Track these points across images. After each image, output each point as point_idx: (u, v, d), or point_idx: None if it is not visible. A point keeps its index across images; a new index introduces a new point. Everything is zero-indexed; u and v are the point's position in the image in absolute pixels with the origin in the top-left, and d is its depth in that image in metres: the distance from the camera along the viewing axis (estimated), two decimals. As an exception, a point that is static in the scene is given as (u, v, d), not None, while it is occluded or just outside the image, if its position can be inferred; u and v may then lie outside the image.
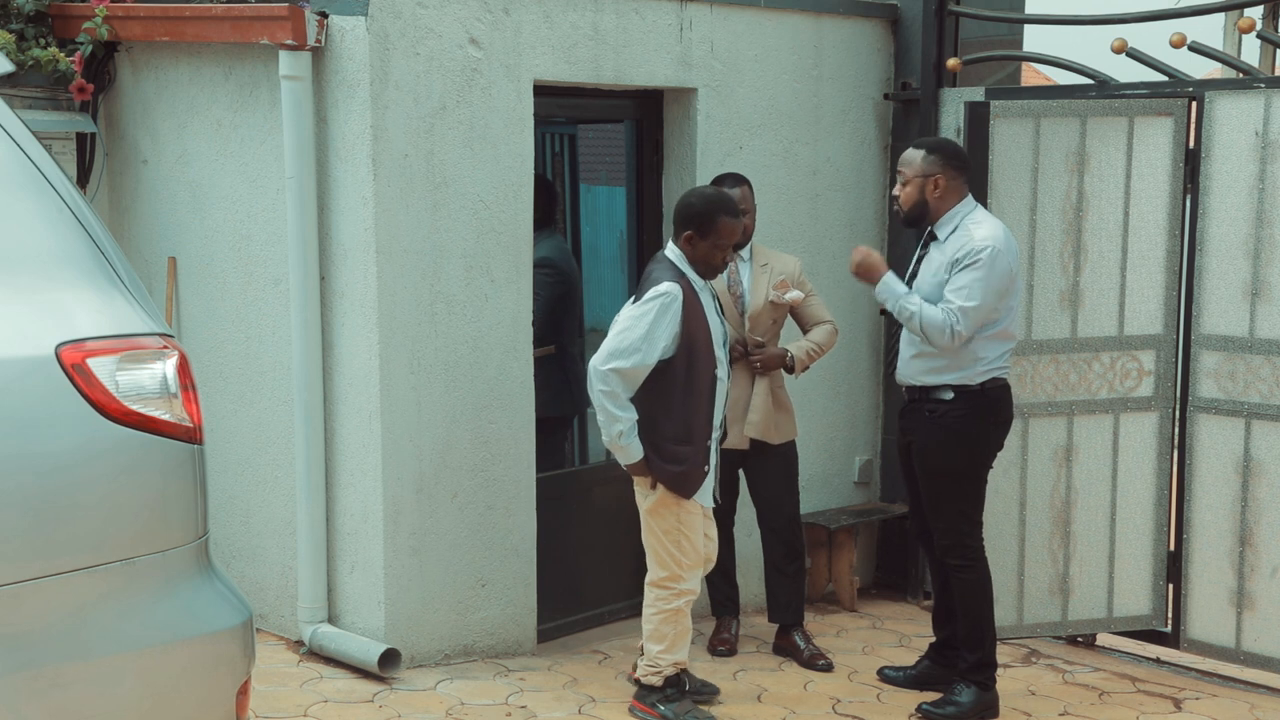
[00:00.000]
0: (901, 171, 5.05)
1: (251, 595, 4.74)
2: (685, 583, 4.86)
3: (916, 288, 5.02)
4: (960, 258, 4.88)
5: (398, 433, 5.12)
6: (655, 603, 4.90)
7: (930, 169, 4.98)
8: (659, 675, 4.92)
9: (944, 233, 5.00)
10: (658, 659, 4.92)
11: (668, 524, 4.82)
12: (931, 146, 5.07)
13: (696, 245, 4.74)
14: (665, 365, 4.65)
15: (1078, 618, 5.86)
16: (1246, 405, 5.53)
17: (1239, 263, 5.50)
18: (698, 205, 4.75)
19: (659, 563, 4.88)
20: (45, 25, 5.62)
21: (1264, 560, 5.54)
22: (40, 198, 2.97)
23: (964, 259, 4.87)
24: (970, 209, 5.01)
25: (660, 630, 4.91)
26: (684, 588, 4.86)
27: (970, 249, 4.87)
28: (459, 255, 5.20)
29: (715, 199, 4.79)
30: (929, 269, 5.03)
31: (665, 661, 4.91)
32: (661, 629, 4.90)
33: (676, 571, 4.84)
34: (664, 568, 4.87)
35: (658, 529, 4.84)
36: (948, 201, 4.99)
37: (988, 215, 5.05)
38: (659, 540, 4.85)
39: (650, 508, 4.83)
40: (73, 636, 2.80)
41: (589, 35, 5.48)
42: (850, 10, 6.41)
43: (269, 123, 5.19)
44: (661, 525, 4.83)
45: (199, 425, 3.02)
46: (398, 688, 5.07)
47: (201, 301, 5.58)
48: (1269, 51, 6.12)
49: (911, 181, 5.01)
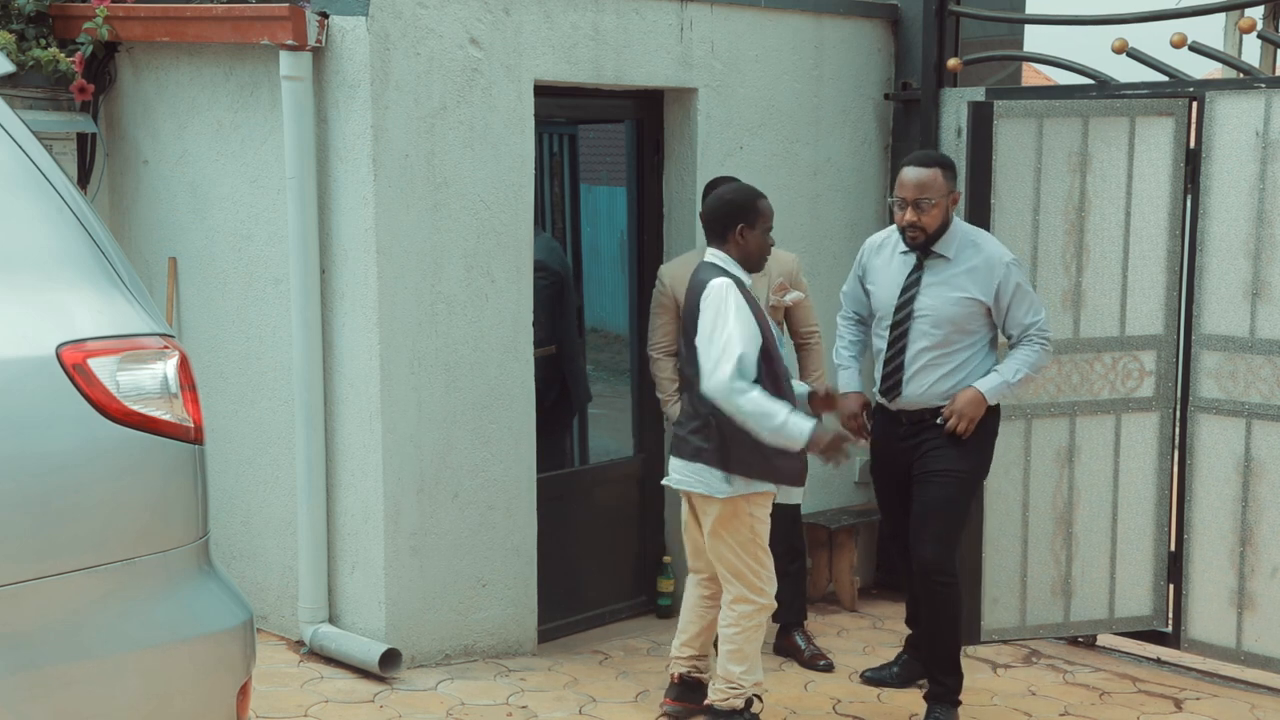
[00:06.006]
0: (924, 196, 4.83)
1: (252, 595, 4.73)
2: (766, 595, 4.65)
3: (929, 308, 4.90)
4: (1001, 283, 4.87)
5: (398, 433, 5.12)
6: (739, 621, 4.64)
7: (950, 185, 4.92)
8: (741, 697, 4.68)
9: (950, 250, 4.92)
10: (740, 680, 4.66)
11: (742, 535, 4.59)
12: (943, 162, 4.97)
13: (749, 237, 4.64)
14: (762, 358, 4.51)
15: (1079, 618, 5.85)
16: (1247, 405, 5.53)
17: (1239, 263, 5.49)
18: (738, 199, 4.68)
19: (737, 578, 4.63)
20: (46, 25, 5.62)
21: (1264, 560, 5.54)
22: (41, 198, 2.97)
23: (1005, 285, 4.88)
24: (956, 220, 5.01)
25: (743, 650, 4.65)
26: (766, 601, 4.65)
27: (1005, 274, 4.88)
28: (459, 255, 5.20)
29: (746, 189, 4.77)
30: (943, 289, 4.90)
31: (748, 682, 4.67)
32: (745, 649, 4.65)
33: (756, 584, 4.63)
34: (743, 582, 4.62)
35: (732, 542, 4.60)
36: (951, 216, 4.97)
37: (970, 225, 5.13)
38: (734, 553, 4.60)
39: (720, 521, 4.58)
40: (73, 637, 2.79)
41: (589, 35, 5.48)
42: (850, 10, 6.41)
43: (269, 123, 5.19)
44: (736, 537, 4.59)
45: (199, 425, 3.02)
46: (398, 688, 5.07)
47: (202, 302, 5.58)
48: (1269, 51, 6.13)
49: (939, 204, 4.85)
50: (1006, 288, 4.90)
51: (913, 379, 4.96)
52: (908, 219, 4.88)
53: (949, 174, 4.93)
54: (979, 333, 4.96)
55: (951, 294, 4.91)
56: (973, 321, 4.94)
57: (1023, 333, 4.96)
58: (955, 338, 4.93)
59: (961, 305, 4.90)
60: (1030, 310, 4.95)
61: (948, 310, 4.90)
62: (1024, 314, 4.94)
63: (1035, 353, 4.96)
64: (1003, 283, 4.89)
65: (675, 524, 6.14)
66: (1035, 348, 4.96)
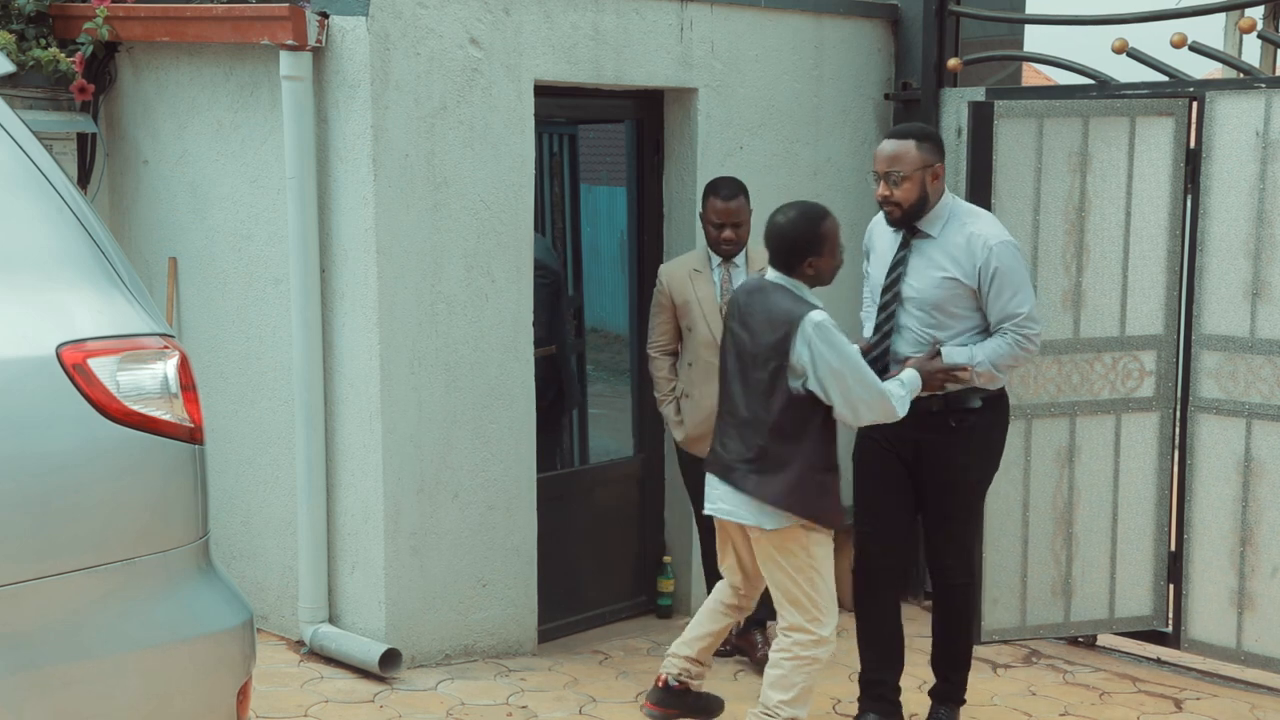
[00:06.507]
0: (894, 169, 4.58)
1: (252, 595, 4.74)
2: (824, 627, 4.40)
3: (915, 290, 4.64)
4: (982, 265, 4.54)
5: (398, 433, 5.12)
6: (791, 647, 4.41)
7: (928, 158, 4.58)
8: None
9: (935, 228, 4.62)
10: (777, 709, 4.40)
11: (798, 560, 4.40)
12: (920, 134, 4.67)
13: (819, 265, 4.40)
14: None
15: (1079, 618, 5.85)
16: (1247, 405, 5.53)
17: (1239, 263, 5.50)
18: (807, 226, 4.39)
19: (793, 604, 4.41)
20: (46, 25, 5.62)
21: (1264, 560, 5.54)
22: (41, 198, 2.97)
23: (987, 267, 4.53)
24: (952, 199, 4.72)
25: (789, 678, 4.40)
26: (825, 634, 4.40)
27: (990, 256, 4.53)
28: (459, 255, 5.21)
29: (810, 213, 4.46)
30: (926, 268, 4.62)
31: (785, 714, 4.40)
32: (791, 676, 4.40)
33: (814, 613, 4.39)
34: (799, 610, 4.40)
35: (788, 568, 4.40)
36: (938, 193, 4.63)
37: (971, 205, 4.84)
38: (791, 581, 4.40)
39: (776, 551, 4.40)
40: (73, 637, 2.80)
41: (589, 35, 5.48)
42: (851, 10, 6.41)
43: (270, 123, 5.19)
44: (792, 563, 4.39)
45: (199, 425, 3.02)
46: (398, 688, 5.07)
47: (202, 302, 5.58)
48: (1269, 51, 6.13)
49: (911, 177, 4.55)
50: (987, 270, 4.54)
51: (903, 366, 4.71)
52: (881, 192, 4.64)
53: (926, 146, 4.61)
54: (968, 318, 4.62)
55: (933, 274, 4.60)
56: (957, 304, 4.60)
57: (1000, 323, 4.59)
58: (944, 321, 4.61)
59: (943, 287, 4.59)
60: (1014, 300, 4.56)
61: (930, 292, 4.60)
62: (1005, 302, 4.55)
63: (1006, 345, 4.57)
64: (983, 265, 4.54)
65: (675, 524, 6.15)
66: (1007, 339, 4.57)
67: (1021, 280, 4.61)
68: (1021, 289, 4.60)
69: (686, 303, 5.36)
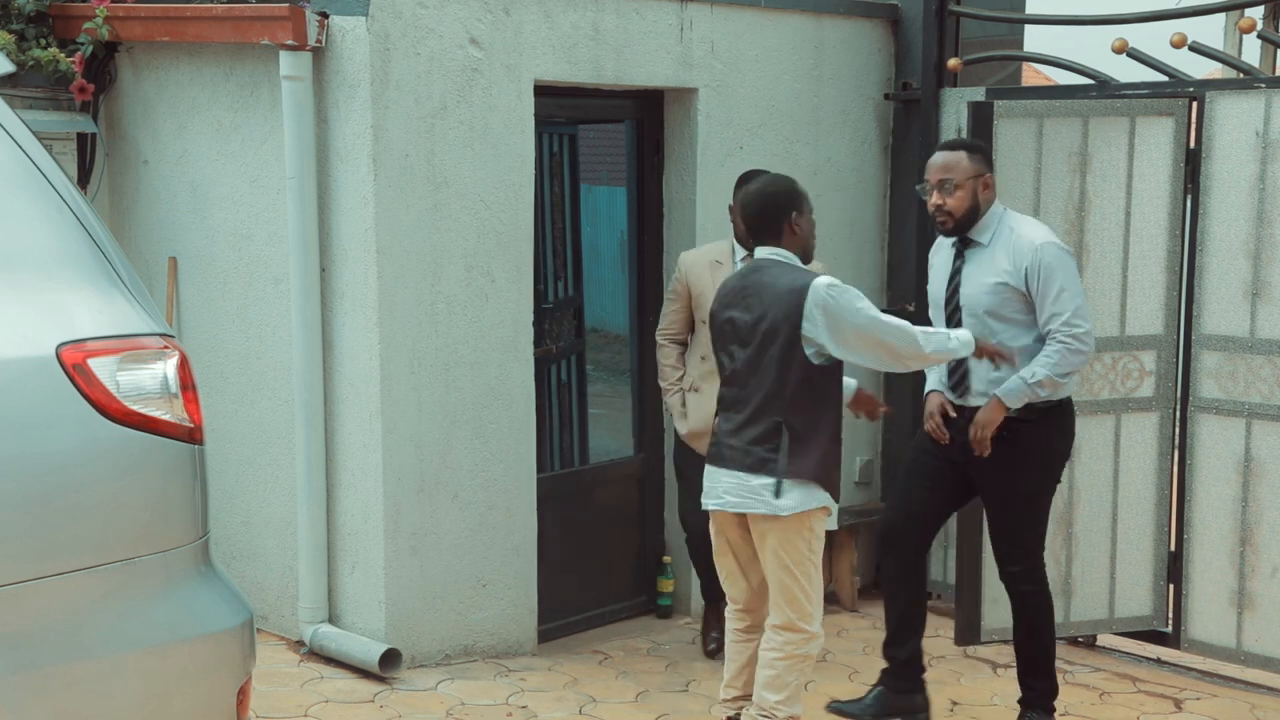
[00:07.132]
0: (947, 178, 4.72)
1: (252, 595, 4.73)
2: (815, 623, 4.41)
3: (969, 298, 4.74)
4: (1029, 266, 4.63)
5: (398, 433, 5.12)
6: (783, 646, 4.39)
7: (979, 168, 4.74)
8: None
9: (986, 236, 4.76)
10: (774, 710, 4.38)
11: (799, 553, 4.36)
12: (970, 146, 4.84)
13: (801, 224, 4.38)
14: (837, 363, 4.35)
15: (1080, 618, 5.85)
16: (1247, 405, 5.53)
17: (1239, 263, 5.50)
18: (780, 187, 4.43)
19: (787, 602, 4.38)
20: (46, 25, 5.62)
21: (1264, 560, 5.54)
22: (41, 198, 2.97)
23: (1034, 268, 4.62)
24: (1001, 209, 4.83)
25: (782, 678, 4.39)
26: (815, 630, 4.41)
27: (1036, 258, 4.62)
28: (459, 255, 5.21)
29: (781, 177, 4.56)
30: (979, 275, 4.74)
31: (782, 714, 4.39)
32: (784, 676, 4.39)
33: (808, 609, 4.39)
34: (793, 607, 4.38)
35: (788, 561, 4.35)
36: (988, 202, 4.77)
37: (1019, 213, 4.93)
38: (788, 575, 4.37)
39: (781, 540, 4.34)
40: (73, 636, 2.79)
41: (589, 35, 5.48)
42: (851, 10, 6.41)
43: (269, 123, 5.19)
44: (792, 556, 4.35)
45: (199, 425, 3.02)
46: (398, 688, 5.07)
47: (202, 301, 5.58)
48: (1269, 51, 6.13)
49: (964, 185, 4.70)
50: (1035, 271, 4.64)
51: (981, 373, 4.77)
52: (934, 202, 4.78)
53: (977, 157, 4.78)
54: (1022, 323, 4.71)
55: (986, 279, 4.72)
56: (1009, 309, 4.70)
57: (1047, 324, 4.66)
58: (998, 327, 4.69)
59: (996, 292, 4.70)
60: (1057, 298, 4.63)
61: (984, 299, 4.71)
62: (1051, 301, 4.64)
63: (1056, 352, 4.64)
64: (1030, 266, 4.64)
65: (675, 524, 6.14)
66: (1057, 346, 4.64)
67: (1067, 279, 4.68)
68: (1067, 288, 4.68)
69: (703, 294, 5.26)
